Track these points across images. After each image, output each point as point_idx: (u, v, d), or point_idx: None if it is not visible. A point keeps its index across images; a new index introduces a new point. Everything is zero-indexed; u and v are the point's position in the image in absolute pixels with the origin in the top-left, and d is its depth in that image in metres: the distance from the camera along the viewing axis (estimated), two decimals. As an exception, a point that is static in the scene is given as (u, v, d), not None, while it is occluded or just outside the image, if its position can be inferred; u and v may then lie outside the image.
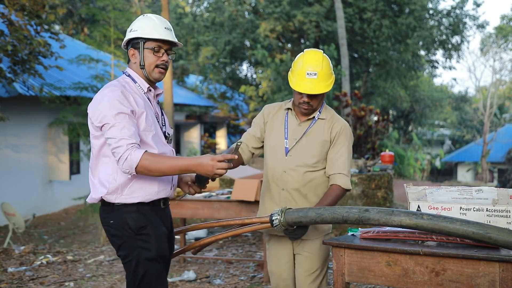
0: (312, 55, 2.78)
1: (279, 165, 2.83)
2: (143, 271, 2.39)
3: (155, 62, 2.49)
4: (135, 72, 2.53)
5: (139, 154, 2.30)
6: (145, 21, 2.51)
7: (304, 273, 2.86)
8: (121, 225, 2.40)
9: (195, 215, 5.05)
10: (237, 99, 21.05)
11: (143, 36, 2.46)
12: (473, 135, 31.75)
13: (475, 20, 20.61)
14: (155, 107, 2.57)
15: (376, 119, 11.90)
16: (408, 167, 23.46)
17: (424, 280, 2.28)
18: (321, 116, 2.84)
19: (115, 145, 2.31)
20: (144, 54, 2.48)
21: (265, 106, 3.00)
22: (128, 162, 2.29)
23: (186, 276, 5.02)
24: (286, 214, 2.56)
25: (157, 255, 2.41)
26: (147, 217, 2.42)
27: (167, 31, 2.50)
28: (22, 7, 7.97)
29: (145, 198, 2.42)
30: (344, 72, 14.16)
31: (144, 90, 2.51)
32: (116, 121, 2.32)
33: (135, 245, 2.39)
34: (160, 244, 2.43)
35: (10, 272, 5.32)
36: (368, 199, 6.99)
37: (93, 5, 20.43)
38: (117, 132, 2.31)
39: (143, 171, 2.32)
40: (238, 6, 18.76)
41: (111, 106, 2.34)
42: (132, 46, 2.51)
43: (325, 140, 2.82)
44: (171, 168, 2.34)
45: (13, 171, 10.32)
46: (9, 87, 9.15)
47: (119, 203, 2.40)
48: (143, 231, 2.40)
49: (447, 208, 2.48)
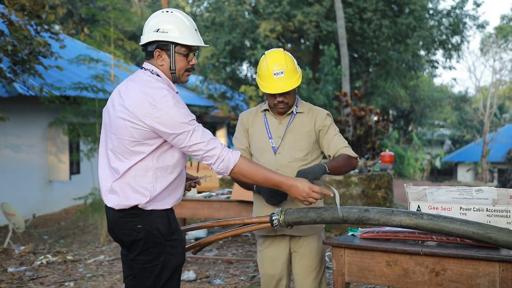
0: (275, 55, 2.83)
1: (271, 164, 2.84)
2: (167, 276, 2.36)
3: (186, 66, 2.41)
4: (163, 74, 2.40)
5: (237, 156, 2.30)
6: (175, 21, 2.37)
7: (305, 271, 2.86)
8: (150, 230, 2.32)
9: (195, 215, 5.05)
10: (237, 99, 21.05)
11: (176, 41, 2.34)
12: (473, 135, 31.75)
13: (475, 20, 20.59)
14: None
15: (376, 119, 11.90)
16: (408, 167, 23.46)
17: (424, 280, 2.28)
18: (298, 110, 2.90)
19: (208, 148, 2.27)
20: (175, 58, 2.37)
21: (240, 114, 3.03)
22: (226, 162, 2.28)
23: (186, 276, 5.02)
24: (286, 214, 2.56)
25: (181, 261, 2.41)
26: (175, 222, 2.42)
27: (196, 33, 2.43)
28: (22, 7, 7.96)
29: (172, 204, 2.40)
30: (344, 72, 14.16)
31: (174, 92, 2.39)
32: (193, 126, 2.27)
33: (164, 250, 2.34)
34: (183, 250, 2.44)
35: (10, 272, 5.32)
36: (368, 199, 6.99)
37: (93, 5, 20.43)
38: (201, 136, 2.27)
39: (237, 174, 2.32)
40: (238, 6, 18.75)
41: (178, 112, 2.25)
42: (159, 48, 2.36)
43: (310, 131, 2.87)
44: (265, 179, 2.35)
45: (13, 171, 10.32)
46: (9, 87, 9.15)
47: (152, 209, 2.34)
48: (173, 237, 2.37)
49: (447, 208, 2.48)
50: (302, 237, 2.87)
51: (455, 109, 33.17)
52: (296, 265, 2.90)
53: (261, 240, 2.96)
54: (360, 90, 18.64)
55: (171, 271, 2.36)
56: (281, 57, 2.82)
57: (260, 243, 2.98)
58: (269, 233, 2.88)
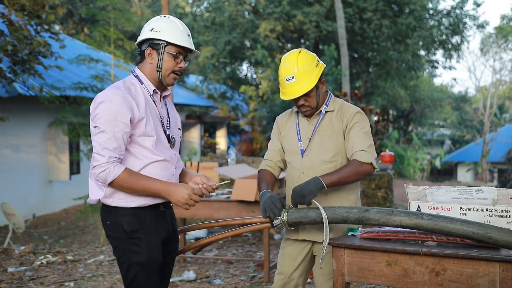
0: (286, 60, 2.76)
1: (297, 167, 2.81)
2: (133, 274, 2.42)
3: (173, 67, 2.47)
4: (143, 73, 2.49)
5: (119, 171, 2.33)
6: (170, 24, 2.47)
7: (325, 277, 2.80)
8: (116, 227, 2.42)
9: (195, 215, 5.05)
10: (237, 99, 21.06)
11: (166, 39, 2.43)
12: (473, 135, 31.74)
13: (475, 20, 20.59)
14: (160, 109, 2.53)
15: (376, 119, 11.90)
16: (408, 167, 23.45)
17: (424, 280, 2.28)
18: (328, 109, 2.81)
19: (99, 152, 2.33)
20: (163, 57, 2.45)
21: (277, 117, 3.00)
22: (105, 174, 2.32)
23: (186, 276, 5.02)
24: (288, 214, 2.56)
25: (147, 260, 2.42)
26: (142, 221, 2.43)
27: (189, 38, 2.50)
28: (22, 7, 7.96)
29: (141, 203, 2.43)
30: (344, 72, 14.16)
31: (150, 92, 2.48)
32: (107, 128, 2.32)
33: (127, 248, 2.42)
34: (151, 250, 2.43)
35: (10, 272, 5.32)
36: (368, 199, 6.99)
37: (93, 5, 20.42)
38: (104, 140, 2.32)
39: (116, 186, 2.36)
40: (238, 6, 18.75)
41: (107, 110, 2.33)
42: (151, 46, 2.46)
43: (338, 131, 2.76)
44: (145, 190, 2.38)
45: (13, 171, 10.32)
46: (9, 87, 9.15)
47: (117, 206, 2.42)
48: (135, 235, 2.41)
49: (447, 208, 2.48)
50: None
51: (455, 109, 33.16)
52: (317, 268, 2.84)
53: (284, 241, 2.92)
54: (360, 90, 18.64)
55: (137, 269, 2.41)
56: (293, 61, 2.73)
57: (283, 242, 2.93)
58: (292, 236, 2.83)
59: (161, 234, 2.49)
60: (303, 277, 2.88)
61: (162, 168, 2.46)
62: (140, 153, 2.41)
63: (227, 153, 7.10)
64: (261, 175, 2.89)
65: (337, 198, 2.77)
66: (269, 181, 2.85)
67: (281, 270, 2.87)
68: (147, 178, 2.40)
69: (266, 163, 2.94)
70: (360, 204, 2.91)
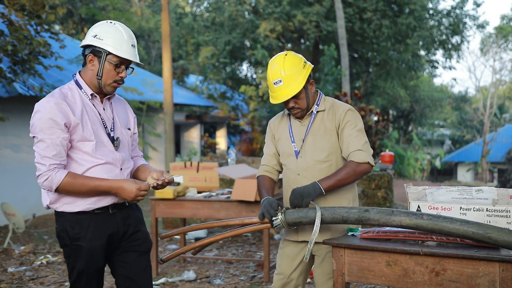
0: (273, 64, 2.76)
1: (292, 169, 2.81)
2: (74, 278, 2.51)
3: (114, 77, 2.47)
4: (82, 79, 2.50)
5: (61, 176, 2.36)
6: (114, 32, 2.45)
7: (324, 277, 2.80)
8: (62, 231, 2.49)
9: (195, 215, 5.04)
10: (237, 99, 21.05)
11: (108, 49, 2.41)
12: (473, 135, 31.73)
13: (475, 20, 20.59)
14: (101, 112, 2.52)
15: (376, 119, 11.90)
16: (408, 167, 23.44)
17: (424, 280, 2.28)
18: (319, 109, 2.81)
19: (37, 161, 2.39)
20: (104, 66, 2.44)
21: (269, 121, 3.00)
22: (49, 182, 2.38)
23: (186, 276, 5.02)
24: (286, 214, 2.56)
25: (86, 268, 2.48)
26: (84, 228, 2.46)
27: (133, 48, 2.48)
28: (22, 7, 7.96)
29: (85, 207, 2.46)
30: (344, 72, 14.16)
31: (89, 96, 2.48)
32: (44, 136, 2.35)
33: (70, 253, 2.49)
34: (91, 257, 2.48)
35: (10, 272, 5.32)
36: (368, 199, 6.99)
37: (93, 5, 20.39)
38: (42, 149, 2.36)
39: (63, 191, 2.40)
40: (238, 6, 18.75)
41: (41, 119, 2.35)
42: (92, 53, 2.44)
43: (330, 130, 2.76)
44: (93, 190, 2.41)
45: (13, 171, 10.31)
46: (9, 87, 9.14)
47: (62, 211, 2.48)
48: (77, 242, 2.46)
49: (447, 208, 2.48)
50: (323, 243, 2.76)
51: (455, 109, 33.15)
52: (317, 268, 2.84)
53: (282, 241, 2.92)
54: (360, 90, 18.64)
55: (77, 274, 2.49)
56: (279, 64, 2.72)
57: (282, 242, 2.93)
58: (292, 237, 2.83)
59: (103, 240, 2.50)
60: (303, 277, 2.88)
61: (105, 171, 2.47)
62: (81, 158, 2.44)
63: (227, 153, 7.10)
64: (260, 182, 2.91)
65: (335, 196, 2.77)
66: (269, 187, 2.86)
67: (280, 270, 2.87)
68: (93, 178, 2.43)
69: (264, 168, 2.95)
70: (358, 202, 2.91)
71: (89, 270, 2.49)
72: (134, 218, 2.63)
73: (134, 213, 2.64)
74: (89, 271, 2.49)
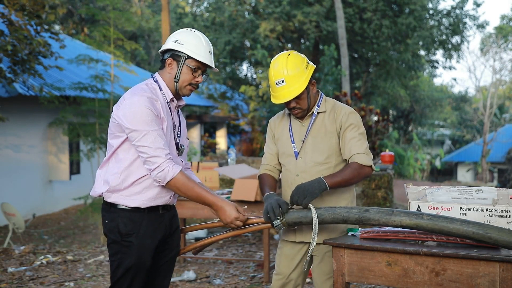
0: (276, 63, 2.74)
1: (291, 169, 2.81)
2: (120, 275, 2.50)
3: (190, 80, 2.55)
4: (163, 81, 2.56)
5: (177, 171, 2.39)
6: (194, 38, 2.55)
7: (323, 277, 2.80)
8: (112, 226, 2.49)
9: (195, 215, 5.05)
10: (237, 99, 21.05)
11: (188, 53, 2.50)
12: (473, 135, 31.74)
13: (475, 20, 20.61)
14: (173, 117, 2.59)
15: (376, 119, 11.90)
16: (408, 167, 23.45)
17: (424, 280, 2.28)
18: (320, 110, 2.79)
19: (151, 154, 2.37)
20: (182, 69, 2.52)
21: (270, 120, 2.99)
22: (164, 174, 2.38)
23: (186, 276, 5.02)
24: (286, 215, 2.55)
25: (134, 264, 2.47)
26: (137, 225, 2.47)
27: (210, 55, 2.58)
28: (22, 7, 7.96)
29: (141, 203, 2.47)
30: (344, 72, 14.16)
31: (168, 99, 2.55)
32: (150, 128, 2.37)
33: (119, 249, 2.48)
34: (141, 255, 2.48)
35: (10, 272, 5.32)
36: (368, 199, 6.99)
37: (93, 5, 20.42)
38: (151, 141, 2.37)
39: (172, 186, 2.42)
40: (238, 6, 18.76)
41: (143, 112, 2.38)
42: (172, 57, 2.53)
43: (331, 132, 2.75)
44: (197, 197, 2.47)
45: (13, 171, 10.31)
46: (9, 87, 9.14)
47: (116, 204, 2.47)
48: (128, 239, 2.46)
49: (447, 208, 2.48)
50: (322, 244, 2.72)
51: (455, 109, 33.15)
52: (316, 268, 2.83)
53: (281, 241, 2.92)
54: (360, 90, 18.65)
55: (124, 271, 2.48)
56: (282, 64, 2.70)
57: (280, 242, 2.92)
58: (290, 238, 2.83)
59: (156, 238, 2.53)
60: (302, 277, 2.87)
61: None
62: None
63: (227, 153, 7.10)
64: (262, 179, 2.90)
65: (333, 196, 2.76)
66: (272, 184, 2.85)
67: (279, 270, 2.87)
68: (200, 187, 2.48)
69: (265, 167, 2.95)
70: (356, 202, 2.91)
71: (136, 268, 2.48)
72: (176, 217, 2.69)
73: (177, 214, 2.70)
74: (136, 269, 2.48)
